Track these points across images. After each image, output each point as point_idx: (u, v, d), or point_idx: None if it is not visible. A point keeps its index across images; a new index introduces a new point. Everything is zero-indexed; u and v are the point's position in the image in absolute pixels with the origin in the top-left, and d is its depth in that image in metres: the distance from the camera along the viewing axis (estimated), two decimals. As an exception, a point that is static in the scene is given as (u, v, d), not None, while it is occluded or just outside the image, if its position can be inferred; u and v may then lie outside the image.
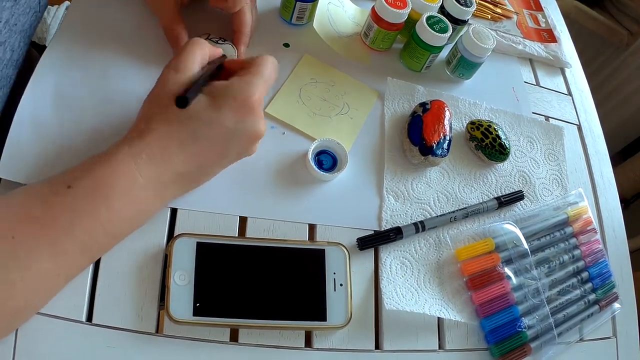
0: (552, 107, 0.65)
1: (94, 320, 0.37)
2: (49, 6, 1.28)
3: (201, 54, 0.41)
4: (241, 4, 0.49)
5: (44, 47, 0.47)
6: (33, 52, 0.59)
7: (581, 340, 0.50)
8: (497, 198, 0.53)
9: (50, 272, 0.33)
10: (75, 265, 0.36)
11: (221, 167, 0.42)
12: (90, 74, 0.47)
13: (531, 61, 0.69)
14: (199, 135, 0.38)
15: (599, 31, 1.42)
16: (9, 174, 0.39)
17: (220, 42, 0.50)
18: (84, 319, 0.37)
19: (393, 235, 0.47)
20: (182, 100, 0.35)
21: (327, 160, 0.49)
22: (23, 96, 0.43)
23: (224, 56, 0.44)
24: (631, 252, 0.59)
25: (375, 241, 0.46)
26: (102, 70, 0.47)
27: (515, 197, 0.54)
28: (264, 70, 0.41)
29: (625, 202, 1.41)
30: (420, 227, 0.48)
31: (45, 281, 0.34)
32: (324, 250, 0.43)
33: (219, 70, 0.44)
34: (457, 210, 0.51)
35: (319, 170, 0.47)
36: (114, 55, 0.49)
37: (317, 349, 0.41)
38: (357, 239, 0.46)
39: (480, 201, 0.53)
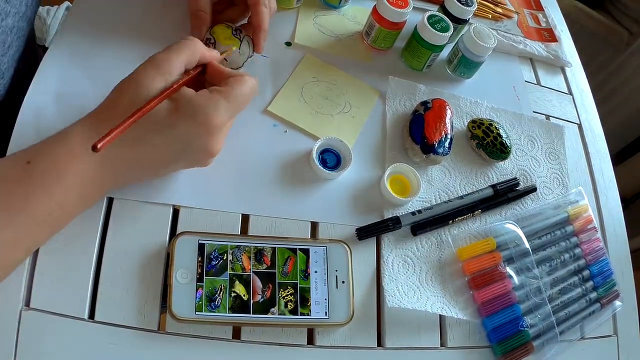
0: (552, 106, 0.65)
1: (96, 318, 0.37)
2: (49, 7, 1.28)
3: (189, 55, 0.39)
4: None
5: (43, 47, 0.48)
6: (40, 52, 0.59)
7: (582, 338, 0.50)
8: (493, 186, 0.53)
9: (8, 241, 0.34)
10: (32, 238, 0.36)
11: (168, 171, 0.42)
12: (93, 72, 0.47)
13: (532, 60, 0.69)
14: (149, 139, 0.37)
15: (599, 31, 1.42)
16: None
17: (235, 34, 0.49)
18: (86, 316, 0.37)
19: (392, 224, 0.47)
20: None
21: (331, 159, 0.49)
22: (26, 95, 0.44)
23: (203, 65, 0.42)
24: (632, 252, 0.59)
25: (374, 230, 0.46)
26: (105, 69, 0.47)
27: (511, 185, 0.54)
28: (236, 93, 0.39)
29: (625, 202, 1.41)
30: (417, 215, 0.48)
31: (4, 250, 0.34)
32: (326, 247, 0.44)
33: (203, 73, 0.42)
34: (454, 199, 0.51)
35: (323, 169, 0.47)
36: (116, 53, 0.49)
37: (320, 346, 0.41)
38: (356, 229, 0.46)
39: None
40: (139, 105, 0.36)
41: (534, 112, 0.63)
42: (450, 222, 0.50)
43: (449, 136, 0.52)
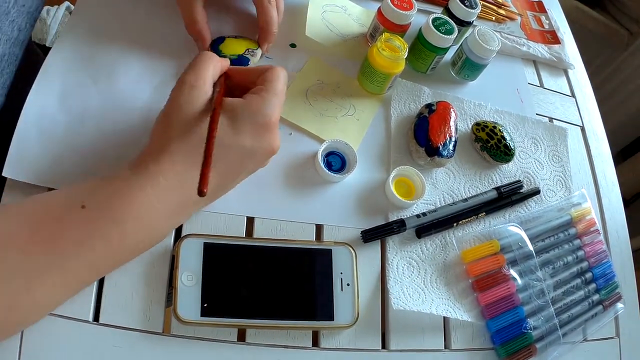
0: (555, 109, 0.65)
1: (101, 320, 0.37)
2: (49, 7, 1.28)
3: (213, 67, 0.40)
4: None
5: (44, 48, 0.47)
6: (39, 52, 0.59)
7: (585, 340, 0.50)
8: (496, 188, 0.53)
9: (56, 286, 0.33)
10: (81, 281, 0.35)
11: (236, 183, 0.42)
12: (96, 73, 0.47)
13: (535, 63, 0.69)
14: (217, 158, 0.36)
15: (599, 31, 1.42)
16: (14, 174, 0.39)
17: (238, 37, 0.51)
18: (91, 318, 0.37)
19: (397, 227, 0.47)
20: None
21: (336, 162, 0.49)
22: (29, 96, 0.43)
23: (224, 74, 0.43)
24: (633, 252, 0.59)
25: (379, 233, 0.46)
26: (109, 70, 0.47)
27: (515, 187, 0.54)
28: (278, 86, 0.40)
29: (625, 202, 1.42)
30: (422, 217, 0.48)
31: (50, 294, 0.33)
32: (330, 250, 0.44)
33: (226, 80, 0.43)
34: (458, 202, 0.51)
35: (328, 172, 0.47)
36: (120, 54, 0.48)
37: (324, 349, 0.41)
38: (361, 231, 0.46)
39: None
40: (190, 126, 0.36)
41: (537, 114, 0.63)
42: (455, 224, 0.50)
43: (453, 139, 0.52)
